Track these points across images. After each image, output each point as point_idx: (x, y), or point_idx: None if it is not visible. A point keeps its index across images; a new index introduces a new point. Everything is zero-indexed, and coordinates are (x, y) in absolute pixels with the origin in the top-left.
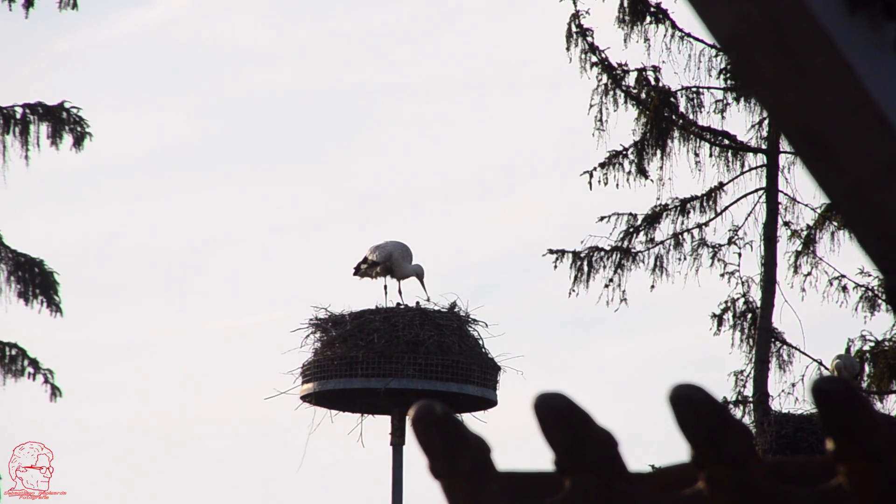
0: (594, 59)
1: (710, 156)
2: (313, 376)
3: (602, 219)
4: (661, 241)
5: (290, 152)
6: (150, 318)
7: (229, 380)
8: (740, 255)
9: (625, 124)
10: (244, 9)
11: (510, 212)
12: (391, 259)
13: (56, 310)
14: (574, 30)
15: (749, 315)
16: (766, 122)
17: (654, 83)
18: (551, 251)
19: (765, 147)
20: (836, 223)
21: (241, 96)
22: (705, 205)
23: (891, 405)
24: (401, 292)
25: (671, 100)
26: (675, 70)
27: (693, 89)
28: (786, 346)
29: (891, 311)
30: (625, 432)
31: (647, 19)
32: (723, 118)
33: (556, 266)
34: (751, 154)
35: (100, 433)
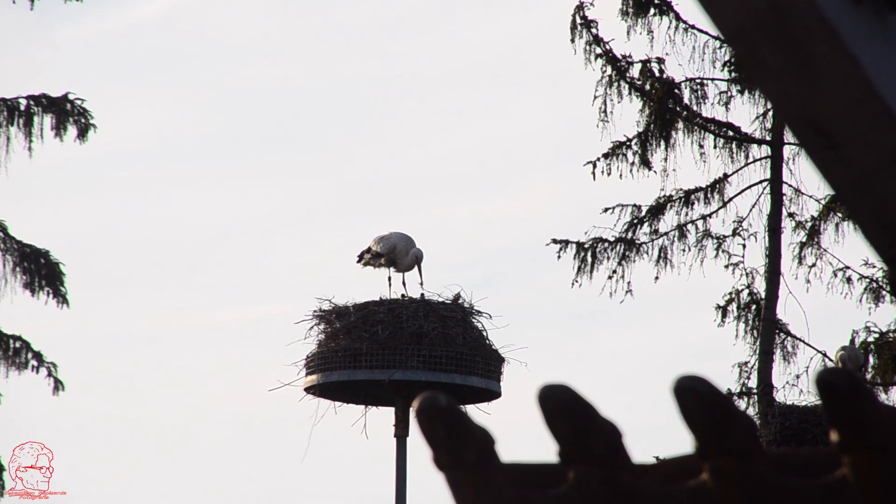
0: (598, 50)
1: (715, 147)
2: (317, 368)
3: (606, 210)
4: (666, 233)
5: (295, 144)
6: (153, 310)
7: (233, 371)
8: (745, 246)
9: (629, 116)
10: (248, 1)
11: (514, 203)
12: (395, 251)
13: (62, 301)
14: (578, 21)
15: (753, 306)
16: (771, 113)
17: (658, 75)
18: (555, 241)
19: (769, 138)
20: (840, 214)
21: (246, 88)
22: (710, 196)
23: (895, 396)
24: (405, 284)
25: (675, 91)
26: (680, 62)
27: (697, 81)
28: (790, 338)
29: (895, 302)
30: (629, 424)
31: (651, 11)
32: (727, 110)
33: (559, 256)
34: (755, 145)
35: (103, 425)
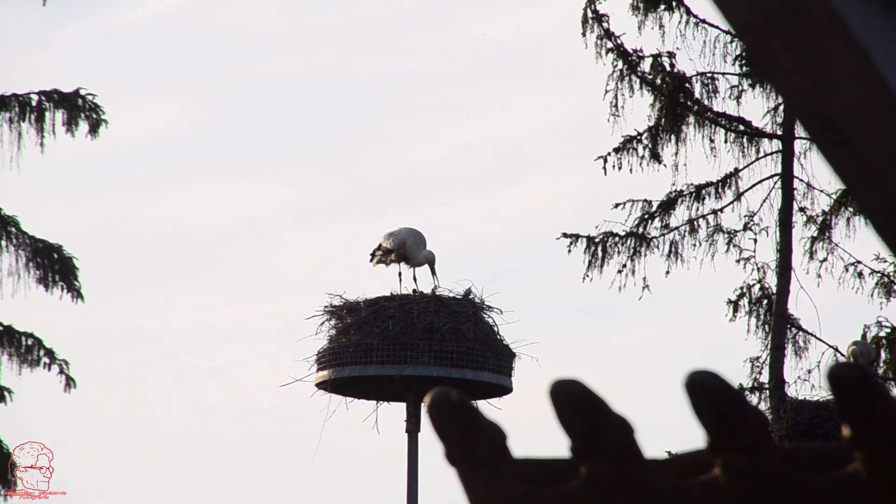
0: (609, 45)
1: (726, 141)
2: (328, 363)
3: (617, 205)
4: (676, 227)
5: (305, 140)
6: (163, 306)
7: (245, 367)
8: (756, 241)
9: (640, 110)
10: None
11: (525, 198)
12: (405, 247)
13: (77, 295)
14: (590, 16)
15: (765, 301)
16: (782, 107)
17: (669, 69)
18: (565, 235)
19: (780, 133)
20: (851, 209)
21: (254, 85)
22: (720, 191)
23: None
24: (416, 279)
25: (686, 85)
26: (690, 56)
27: (708, 75)
28: (801, 333)
29: None
30: (641, 419)
31: (662, 6)
32: (738, 104)
33: (569, 250)
34: (766, 140)
35: (114, 421)
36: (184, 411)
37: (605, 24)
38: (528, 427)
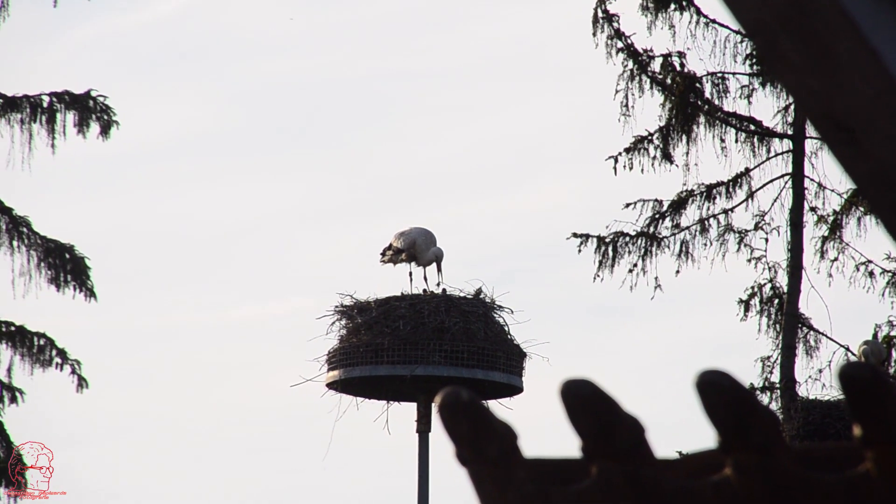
0: (620, 44)
1: (736, 141)
2: (339, 363)
3: (628, 205)
4: (687, 227)
5: (315, 140)
6: (175, 305)
7: (255, 367)
8: (767, 240)
9: (651, 110)
10: None
11: (535, 198)
12: (415, 246)
13: (89, 294)
14: (600, 15)
15: (776, 301)
16: (793, 107)
17: (679, 69)
18: (576, 235)
19: (791, 132)
20: (862, 208)
21: (265, 84)
22: (731, 190)
23: None
24: (426, 279)
25: (697, 85)
26: (701, 56)
27: (718, 75)
28: (812, 332)
29: None
30: (651, 418)
31: (672, 5)
32: (749, 104)
33: (580, 250)
34: (777, 139)
35: (125, 421)
36: (194, 411)
37: (615, 24)
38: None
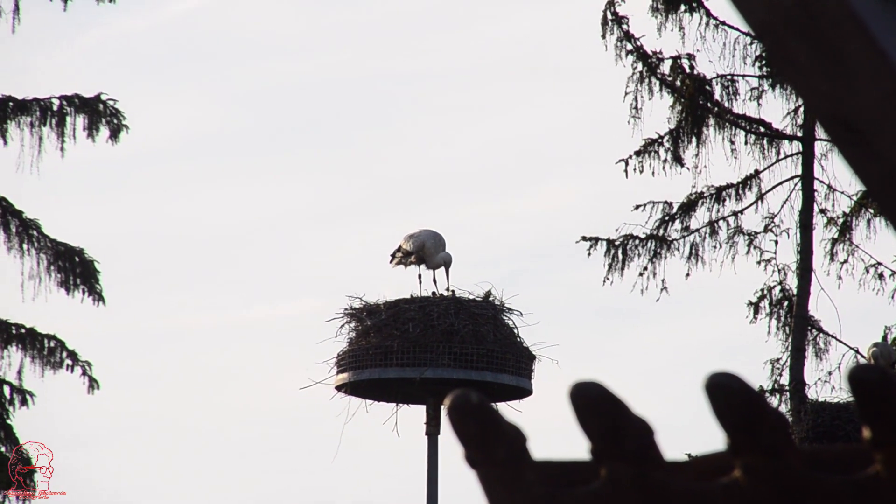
0: (629, 46)
1: (746, 143)
2: (348, 366)
3: (637, 207)
4: (697, 229)
5: (323, 141)
6: (184, 307)
7: (264, 369)
8: (776, 242)
9: (660, 112)
10: None
11: (545, 200)
12: (424, 249)
13: (98, 298)
14: (609, 17)
15: (785, 303)
16: (802, 109)
17: (689, 71)
18: (585, 238)
19: (800, 134)
20: (872, 210)
21: (273, 85)
22: (741, 192)
23: None
24: (435, 282)
25: (706, 87)
26: (710, 58)
27: (728, 77)
28: (822, 334)
29: None
30: (661, 421)
31: (682, 7)
32: (758, 106)
33: (589, 254)
34: (786, 141)
35: (134, 423)
36: (203, 413)
37: (624, 26)
38: (548, 429)
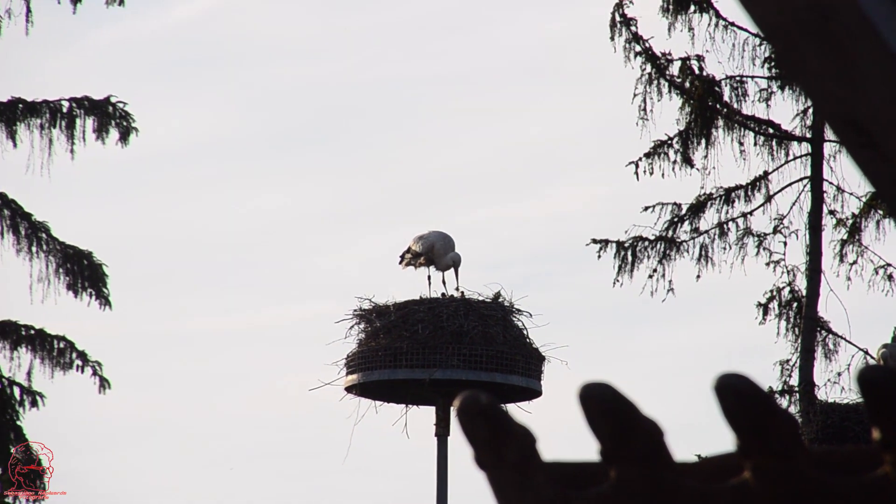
0: (638, 48)
1: (755, 145)
2: (358, 367)
3: (646, 209)
4: (706, 231)
5: (334, 144)
6: (194, 309)
7: (274, 371)
8: (785, 243)
9: (669, 114)
10: (286, 1)
11: (554, 202)
12: (433, 250)
13: (105, 302)
14: (618, 19)
15: (794, 304)
16: (812, 110)
17: (698, 72)
18: (595, 241)
19: (810, 136)
20: (881, 211)
21: (284, 88)
22: (750, 194)
23: None
24: (444, 283)
25: (715, 89)
26: (720, 59)
27: (737, 78)
28: (831, 336)
29: None
30: (670, 422)
31: (691, 8)
32: (767, 107)
33: (599, 256)
34: (795, 143)
35: (143, 426)
36: (212, 415)
37: (633, 28)
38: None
